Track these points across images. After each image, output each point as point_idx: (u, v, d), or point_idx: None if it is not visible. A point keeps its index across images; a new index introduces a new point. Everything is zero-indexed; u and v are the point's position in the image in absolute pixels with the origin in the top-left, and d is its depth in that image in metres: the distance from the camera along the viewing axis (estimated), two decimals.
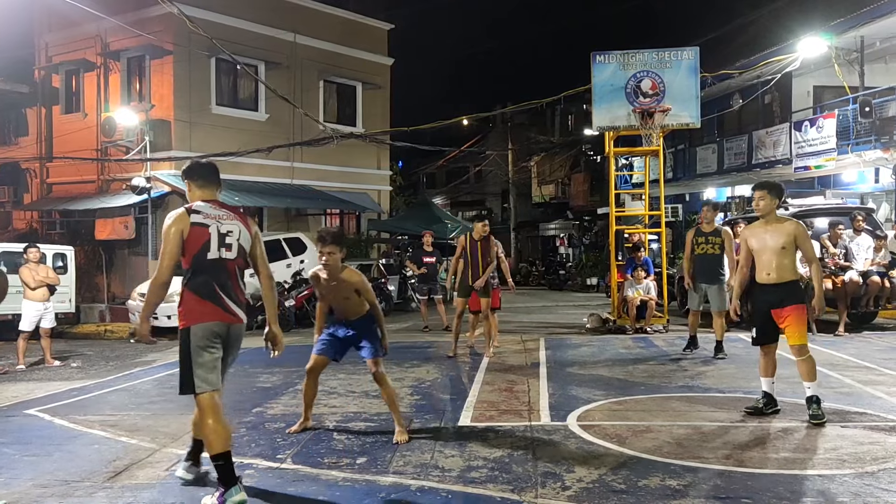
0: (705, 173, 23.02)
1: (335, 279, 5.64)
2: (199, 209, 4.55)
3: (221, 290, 4.52)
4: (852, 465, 4.91)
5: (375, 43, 23.99)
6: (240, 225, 4.63)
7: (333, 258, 5.55)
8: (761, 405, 6.31)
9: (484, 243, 9.90)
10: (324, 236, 5.58)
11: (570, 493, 4.46)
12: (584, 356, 9.92)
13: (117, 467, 5.17)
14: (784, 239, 6.06)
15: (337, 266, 5.61)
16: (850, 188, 18.61)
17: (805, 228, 6.31)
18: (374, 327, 5.83)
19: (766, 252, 6.13)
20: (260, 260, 4.77)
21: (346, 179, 22.44)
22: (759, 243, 6.20)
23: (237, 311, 4.63)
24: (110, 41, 19.55)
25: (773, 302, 6.13)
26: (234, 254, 4.57)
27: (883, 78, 17.66)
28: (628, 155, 20.13)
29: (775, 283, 6.10)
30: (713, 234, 9.75)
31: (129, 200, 17.94)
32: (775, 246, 6.08)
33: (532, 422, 6.23)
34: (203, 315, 4.48)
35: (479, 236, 9.92)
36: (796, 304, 6.06)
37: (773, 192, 6.23)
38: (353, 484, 4.73)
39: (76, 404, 7.55)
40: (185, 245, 4.44)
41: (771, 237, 6.12)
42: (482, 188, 43.84)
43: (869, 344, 10.34)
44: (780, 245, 6.06)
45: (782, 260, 6.08)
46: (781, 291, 6.09)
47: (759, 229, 6.27)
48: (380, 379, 5.83)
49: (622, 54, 12.71)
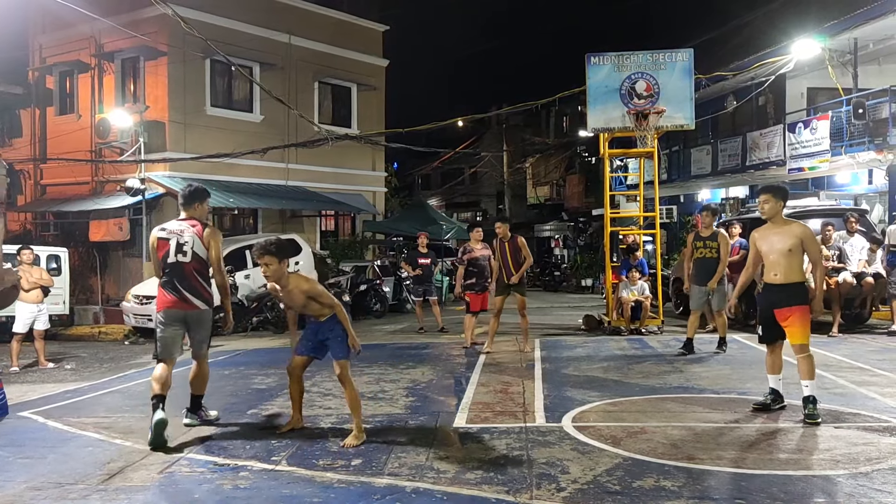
0: (700, 175, 23.07)
1: (284, 289, 5.69)
2: (165, 226, 6.19)
3: (180, 284, 6.02)
4: (846, 465, 4.93)
5: (370, 44, 23.99)
6: (195, 236, 6.05)
7: (271, 269, 5.60)
8: (769, 401, 6.46)
9: (510, 243, 10.36)
10: (257, 250, 5.66)
11: (565, 495, 4.47)
12: (579, 357, 9.93)
13: (111, 469, 5.15)
14: (791, 241, 6.19)
15: (280, 276, 5.65)
16: (844, 190, 18.67)
17: (811, 231, 6.42)
18: (339, 328, 5.80)
19: (773, 254, 6.26)
20: (213, 262, 6.14)
21: (341, 181, 22.43)
22: (766, 245, 6.33)
23: (193, 301, 6.08)
24: (104, 42, 19.51)
25: (777, 302, 6.26)
26: (188, 258, 6.02)
27: (876, 80, 17.72)
28: (623, 156, 20.14)
29: (781, 283, 6.23)
30: (711, 238, 9.93)
31: (124, 202, 17.90)
32: (782, 248, 6.21)
33: (527, 423, 6.23)
34: (165, 303, 6.06)
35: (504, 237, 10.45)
36: (799, 305, 6.17)
37: (778, 195, 6.37)
38: (348, 486, 4.73)
39: (70, 406, 7.53)
40: (156, 253, 6.11)
41: (778, 239, 6.25)
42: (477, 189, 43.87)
43: (862, 345, 10.37)
44: (787, 247, 6.19)
45: (789, 261, 6.20)
46: (786, 292, 6.21)
47: (767, 231, 6.40)
48: (344, 381, 5.79)
49: (617, 56, 12.73)
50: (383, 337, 13.14)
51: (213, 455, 5.46)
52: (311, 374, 8.77)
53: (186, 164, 18.33)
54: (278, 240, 5.85)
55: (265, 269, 5.63)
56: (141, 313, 14.74)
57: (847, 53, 17.83)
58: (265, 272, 5.64)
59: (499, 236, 10.57)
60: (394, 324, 15.29)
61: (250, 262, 16.04)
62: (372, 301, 17.15)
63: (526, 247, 10.64)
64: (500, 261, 10.51)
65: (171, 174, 18.34)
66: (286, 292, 5.72)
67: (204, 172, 18.60)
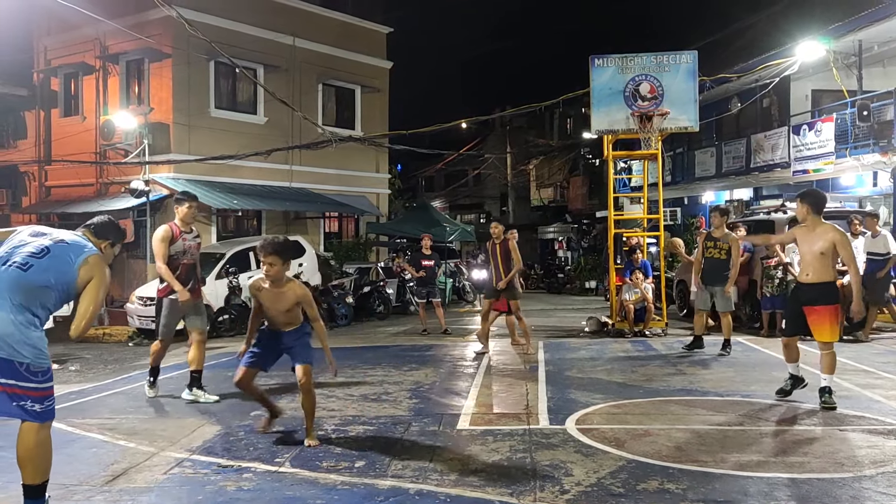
0: (704, 177, 23.04)
1: (278, 290, 5.61)
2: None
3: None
4: (850, 468, 4.92)
5: (374, 46, 24.01)
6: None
7: (274, 269, 5.53)
8: (788, 387, 6.96)
9: (502, 245, 10.11)
10: (264, 246, 5.57)
11: (569, 497, 4.46)
12: (583, 359, 9.91)
13: (115, 471, 5.16)
14: (824, 245, 6.55)
15: (279, 277, 5.59)
16: (849, 192, 18.63)
17: (844, 235, 6.79)
18: (307, 338, 5.76)
19: (808, 255, 6.69)
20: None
21: (345, 182, 22.44)
22: (803, 246, 6.76)
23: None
24: (109, 44, 19.55)
25: (807, 300, 6.65)
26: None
27: (881, 81, 17.68)
28: (627, 158, 20.13)
29: (812, 283, 6.63)
30: (722, 241, 10.04)
31: (128, 203, 17.92)
32: (816, 250, 6.59)
33: (531, 425, 6.23)
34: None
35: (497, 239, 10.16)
36: (828, 305, 6.56)
37: (812, 201, 6.80)
38: (352, 487, 4.73)
39: (74, 407, 7.53)
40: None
41: (814, 242, 6.63)
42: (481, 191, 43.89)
43: (867, 347, 10.34)
44: (820, 250, 6.56)
45: (821, 263, 6.58)
46: (816, 291, 6.59)
47: (805, 233, 6.79)
48: (306, 389, 5.69)
49: (621, 58, 12.72)
50: (386, 339, 13.14)
51: (217, 457, 5.47)
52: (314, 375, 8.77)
53: (190, 166, 18.36)
54: (285, 240, 5.79)
55: (268, 269, 5.55)
56: (145, 315, 14.72)
57: (852, 55, 17.79)
58: (268, 271, 5.57)
59: (493, 237, 10.32)
60: (397, 325, 15.28)
61: (254, 264, 16.07)
62: (375, 303, 17.15)
63: (516, 250, 10.38)
64: (491, 263, 10.30)
65: (175, 176, 18.38)
66: (276, 294, 5.61)
67: (208, 174, 18.64)
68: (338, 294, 16.37)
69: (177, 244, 7.41)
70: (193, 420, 6.68)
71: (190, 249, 7.50)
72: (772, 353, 9.88)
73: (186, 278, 7.40)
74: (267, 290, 5.65)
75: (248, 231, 20.22)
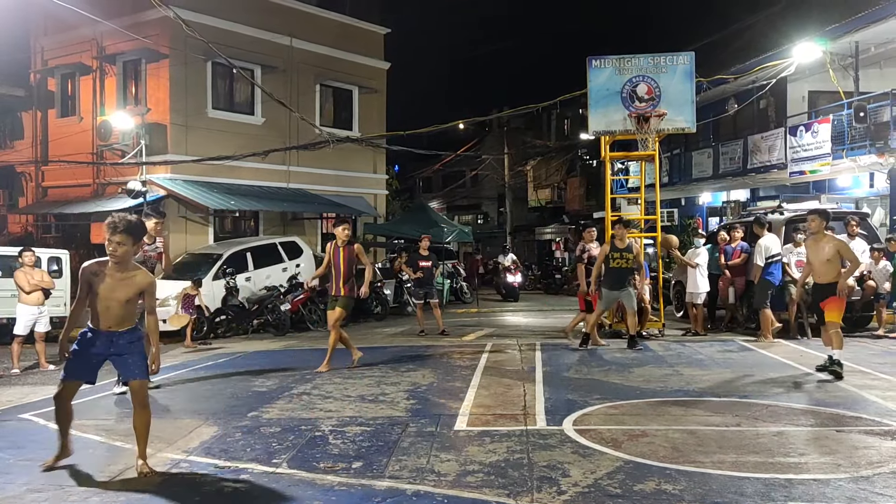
0: (701, 178, 23.05)
1: (123, 276, 4.99)
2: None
3: None
4: (847, 469, 4.93)
5: (371, 47, 24.01)
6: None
7: (122, 249, 4.94)
8: (826, 364, 8.15)
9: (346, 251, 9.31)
10: (115, 223, 4.94)
11: (566, 498, 4.46)
12: (580, 360, 9.92)
13: (112, 472, 5.15)
14: (829, 253, 8.28)
15: (127, 259, 5.01)
16: (845, 193, 18.65)
17: (845, 243, 8.78)
18: (141, 344, 5.16)
19: (817, 262, 8.40)
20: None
21: (343, 183, 22.44)
22: (812, 255, 8.52)
23: None
24: (106, 45, 19.53)
25: (821, 297, 8.38)
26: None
27: (877, 83, 17.71)
28: (624, 159, 20.15)
29: (823, 283, 8.36)
30: (626, 250, 10.71)
31: (125, 204, 17.86)
32: (823, 258, 8.31)
33: (528, 426, 6.23)
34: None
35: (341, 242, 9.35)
36: (833, 297, 8.25)
37: (822, 216, 8.51)
38: (349, 489, 4.72)
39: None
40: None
41: (821, 251, 8.34)
42: (478, 192, 43.89)
43: (864, 348, 10.36)
44: (826, 258, 8.28)
45: (827, 268, 8.30)
46: (826, 290, 8.30)
47: (812, 245, 8.56)
48: (142, 405, 5.12)
49: (618, 59, 12.73)
50: (384, 339, 13.14)
51: (214, 457, 5.46)
52: (312, 376, 8.79)
53: (188, 167, 18.35)
54: (137, 218, 5.16)
55: (115, 248, 4.92)
56: None
57: (848, 57, 17.83)
58: (115, 250, 4.92)
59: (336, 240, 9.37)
60: (394, 326, 15.28)
61: (251, 265, 16.07)
62: (373, 303, 17.15)
63: (363, 254, 9.54)
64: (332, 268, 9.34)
65: (172, 176, 18.36)
66: (119, 281, 4.98)
67: (205, 175, 18.63)
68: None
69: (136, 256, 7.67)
70: (190, 421, 6.67)
71: (149, 259, 8.25)
72: (768, 354, 9.90)
73: None
74: (107, 275, 4.98)
75: (246, 232, 20.21)
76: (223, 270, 15.21)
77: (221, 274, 15.15)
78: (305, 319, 15.32)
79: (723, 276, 12.42)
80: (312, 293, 15.36)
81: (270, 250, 16.95)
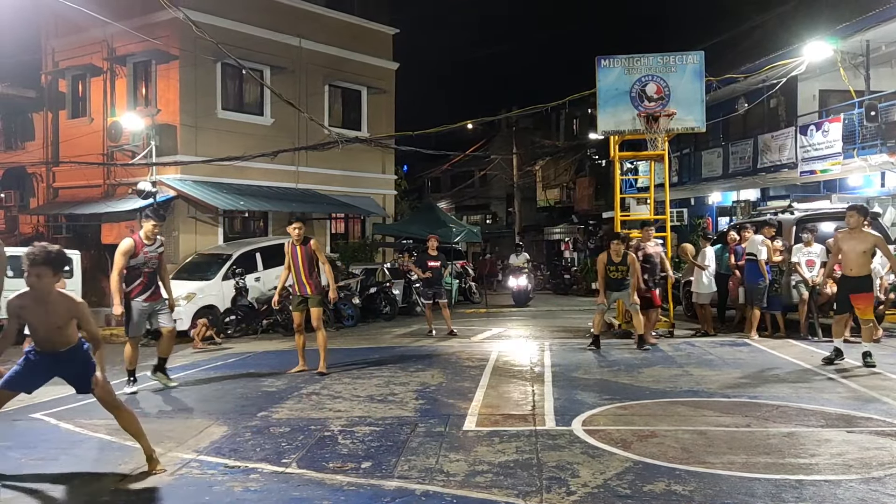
0: (711, 177, 22.97)
1: (44, 305, 4.82)
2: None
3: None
4: (858, 470, 4.90)
5: (380, 48, 24.03)
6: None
7: (43, 283, 4.78)
8: (833, 356, 8.79)
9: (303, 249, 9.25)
10: (34, 255, 4.75)
11: (575, 498, 4.46)
12: (589, 361, 9.90)
13: (123, 471, 5.18)
14: (866, 246, 8.58)
15: (47, 290, 4.82)
16: (856, 192, 18.54)
17: (882, 239, 8.97)
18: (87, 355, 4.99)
19: (852, 253, 8.62)
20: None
21: (351, 183, 22.47)
22: (847, 247, 8.69)
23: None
24: (117, 46, 19.62)
25: (853, 288, 8.66)
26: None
27: (889, 82, 17.60)
28: (633, 159, 20.08)
29: (856, 276, 8.62)
30: (622, 263, 11.03)
31: (135, 205, 17.96)
32: (859, 251, 8.57)
33: (537, 426, 6.22)
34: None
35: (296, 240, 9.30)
36: (867, 292, 8.67)
37: (861, 212, 8.84)
38: (358, 489, 4.73)
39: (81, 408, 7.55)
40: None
41: (857, 244, 8.61)
42: (487, 192, 43.86)
43: (875, 349, 10.28)
44: (862, 250, 8.56)
45: (862, 261, 8.59)
46: (858, 282, 8.63)
47: (848, 236, 8.74)
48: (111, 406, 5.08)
49: (627, 59, 12.70)
50: (393, 340, 13.15)
51: (224, 457, 5.48)
52: (320, 377, 8.81)
53: (197, 167, 18.42)
54: (59, 249, 4.90)
55: (35, 281, 4.76)
56: None
57: (859, 55, 17.72)
58: (34, 284, 4.77)
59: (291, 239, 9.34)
60: (403, 327, 15.29)
61: (260, 265, 16.11)
62: (382, 304, 17.15)
63: (321, 250, 9.39)
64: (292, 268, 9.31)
65: (182, 177, 18.43)
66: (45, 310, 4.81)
67: (215, 175, 18.69)
68: (344, 295, 16.37)
69: (138, 258, 8.18)
70: (200, 421, 6.70)
71: (150, 260, 8.26)
72: (778, 355, 9.86)
73: (149, 284, 8.28)
74: (31, 307, 4.83)
75: (255, 232, 20.27)
76: (233, 271, 15.24)
77: (231, 274, 15.19)
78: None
79: (732, 276, 12.38)
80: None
81: (279, 251, 16.87)
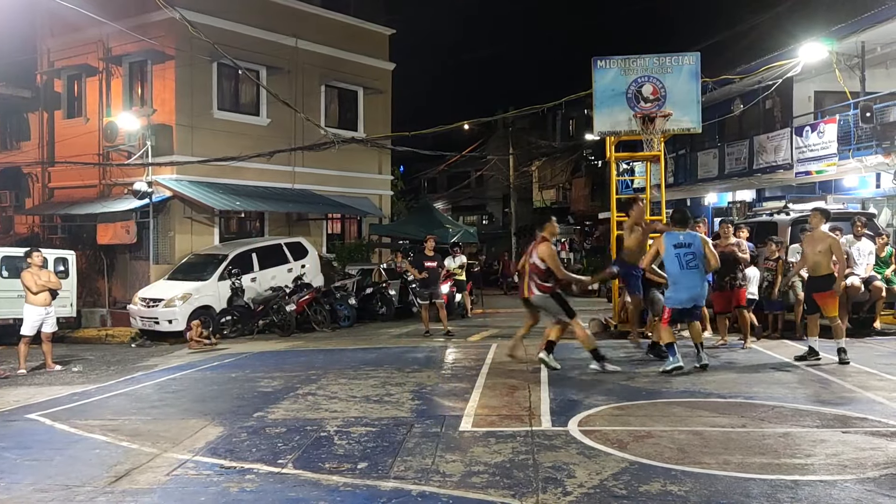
0: (706, 178, 23.01)
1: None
2: None
3: None
4: (853, 470, 4.91)
5: (377, 48, 24.01)
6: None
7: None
8: (805, 354, 9.09)
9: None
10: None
11: (572, 499, 4.46)
12: (586, 361, 9.89)
13: (118, 472, 5.17)
14: (823, 247, 8.96)
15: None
16: (852, 193, 18.59)
17: (838, 242, 9.19)
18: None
19: (812, 255, 9.02)
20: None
21: (348, 184, 22.44)
22: (809, 249, 9.14)
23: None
24: (112, 46, 19.56)
25: (815, 288, 9.08)
26: None
27: (884, 83, 17.64)
28: (629, 160, 20.12)
29: (817, 275, 9.05)
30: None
31: (131, 205, 17.95)
32: (817, 251, 8.96)
33: (533, 427, 6.23)
34: None
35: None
36: (828, 290, 8.99)
37: (822, 213, 9.27)
38: (354, 489, 4.73)
39: (77, 409, 7.56)
40: None
41: (817, 244, 9.01)
42: (483, 193, 43.90)
43: (870, 349, 10.32)
44: (819, 250, 8.95)
45: (821, 260, 8.97)
46: (821, 281, 9.00)
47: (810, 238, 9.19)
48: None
49: (623, 59, 12.70)
50: (389, 340, 13.15)
51: (220, 458, 5.48)
52: (317, 377, 8.81)
53: (193, 168, 18.37)
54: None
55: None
56: (148, 316, 14.78)
57: (855, 57, 17.77)
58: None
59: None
60: (400, 327, 15.29)
61: (256, 266, 16.11)
62: (378, 304, 17.15)
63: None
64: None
65: (178, 177, 18.39)
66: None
67: (210, 175, 18.66)
68: (340, 295, 16.39)
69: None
70: (196, 421, 6.69)
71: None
72: (773, 355, 9.87)
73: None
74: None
75: (251, 233, 20.24)
76: (229, 271, 15.24)
77: (227, 274, 15.19)
78: (311, 320, 15.33)
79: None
80: (317, 293, 15.38)
81: (276, 251, 16.99)
